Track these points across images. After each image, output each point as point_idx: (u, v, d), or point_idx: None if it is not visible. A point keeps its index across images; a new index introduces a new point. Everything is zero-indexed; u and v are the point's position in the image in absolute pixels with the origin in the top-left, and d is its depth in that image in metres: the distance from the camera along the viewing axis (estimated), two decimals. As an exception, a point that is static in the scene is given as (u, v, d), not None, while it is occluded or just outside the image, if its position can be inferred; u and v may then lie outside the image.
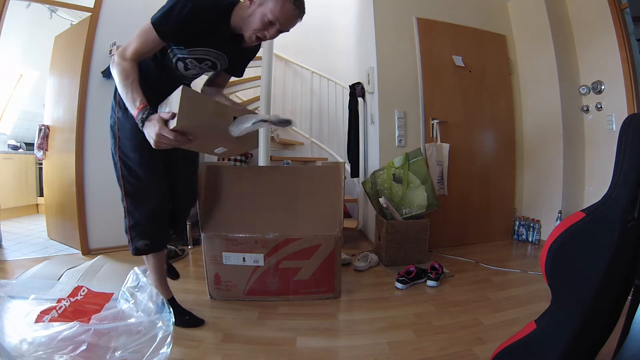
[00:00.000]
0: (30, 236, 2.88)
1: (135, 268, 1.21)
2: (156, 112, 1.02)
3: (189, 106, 0.97)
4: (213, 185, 1.70)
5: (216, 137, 1.10)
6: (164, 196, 1.31)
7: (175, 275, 1.71)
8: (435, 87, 2.66)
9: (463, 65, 2.70)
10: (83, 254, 2.37)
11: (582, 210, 0.76)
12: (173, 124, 0.96)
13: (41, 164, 3.31)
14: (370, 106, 2.84)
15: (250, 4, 1.10)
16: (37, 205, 3.99)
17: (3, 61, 3.77)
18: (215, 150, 1.19)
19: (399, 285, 1.83)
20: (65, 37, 2.71)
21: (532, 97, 2.83)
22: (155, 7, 1.07)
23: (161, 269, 1.44)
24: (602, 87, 2.41)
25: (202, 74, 1.33)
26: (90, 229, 2.43)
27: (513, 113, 2.91)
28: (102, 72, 2.41)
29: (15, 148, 3.96)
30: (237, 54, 1.27)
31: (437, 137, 2.64)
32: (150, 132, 0.98)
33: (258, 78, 2.79)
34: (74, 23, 2.98)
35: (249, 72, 1.62)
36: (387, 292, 1.81)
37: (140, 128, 1.01)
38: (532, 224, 2.74)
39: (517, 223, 2.85)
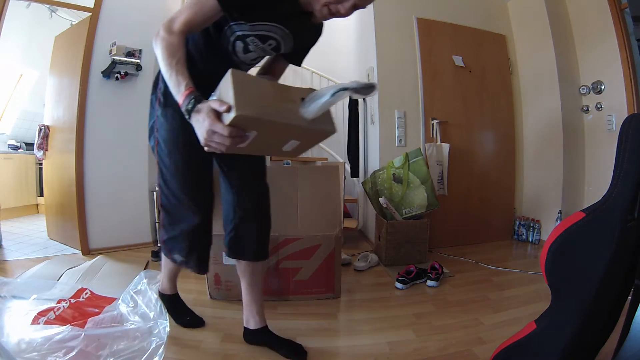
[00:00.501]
0: (30, 236, 2.88)
1: (142, 272, 1.21)
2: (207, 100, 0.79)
3: (244, 92, 0.75)
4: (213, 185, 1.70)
5: (283, 130, 0.83)
6: (204, 216, 1.12)
7: (200, 322, 1.42)
8: (435, 87, 2.66)
9: (463, 65, 2.69)
10: (83, 254, 2.37)
11: (582, 210, 0.76)
12: (228, 118, 0.72)
13: (41, 164, 3.31)
14: (370, 106, 2.84)
15: None
16: (37, 205, 3.99)
17: (3, 61, 3.77)
18: (285, 148, 0.91)
19: (399, 285, 1.83)
20: (65, 37, 2.71)
21: (532, 97, 2.83)
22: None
23: (173, 271, 1.36)
24: (602, 87, 2.41)
25: (262, 58, 1.11)
26: (90, 229, 2.43)
27: (513, 113, 2.91)
28: (102, 72, 2.41)
29: (15, 148, 3.96)
30: (303, 35, 1.03)
31: (437, 137, 2.64)
32: (199, 127, 0.76)
33: (258, 78, 2.79)
34: (74, 23, 2.98)
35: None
36: (387, 292, 1.81)
37: (187, 118, 0.79)
38: (532, 224, 2.74)
39: (517, 223, 2.85)
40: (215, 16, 0.89)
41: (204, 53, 1.01)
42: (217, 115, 0.74)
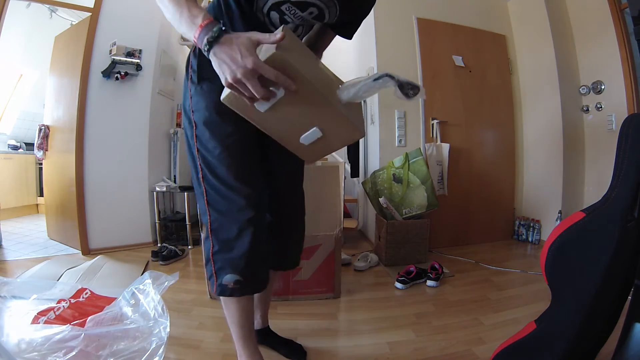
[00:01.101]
0: (30, 236, 2.88)
1: (147, 273, 1.21)
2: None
3: (290, 42, 0.65)
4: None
5: (314, 104, 0.69)
6: (263, 208, 0.91)
7: (302, 355, 1.21)
8: (435, 87, 2.66)
9: (463, 65, 2.69)
10: (83, 254, 2.37)
11: (582, 210, 0.76)
12: (266, 54, 0.60)
13: (41, 164, 3.31)
14: (370, 106, 2.84)
15: None
16: (37, 205, 3.99)
17: (3, 61, 3.77)
18: (303, 138, 0.75)
19: (399, 285, 1.83)
20: (65, 37, 2.71)
21: (532, 97, 2.83)
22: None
23: (248, 321, 0.99)
24: (602, 87, 2.41)
25: (305, 32, 0.94)
26: (90, 229, 2.43)
27: (513, 113, 2.90)
28: (102, 72, 2.41)
29: (15, 148, 3.96)
30: (351, 3, 0.87)
31: (437, 137, 2.64)
32: (227, 59, 0.59)
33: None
34: (74, 23, 2.98)
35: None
36: (387, 292, 1.81)
37: (206, 53, 0.62)
38: (532, 224, 2.74)
39: (517, 223, 2.85)
40: None
41: (235, 25, 0.82)
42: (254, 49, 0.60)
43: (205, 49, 0.61)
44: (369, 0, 0.95)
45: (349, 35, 1.04)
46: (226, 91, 0.68)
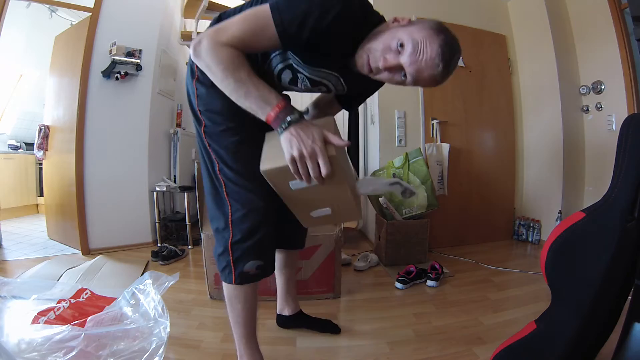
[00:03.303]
0: (30, 236, 2.88)
1: (147, 273, 1.21)
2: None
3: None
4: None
5: (337, 188, 0.81)
6: (273, 195, 0.91)
7: (336, 329, 1.36)
8: (436, 87, 2.65)
9: (463, 65, 2.69)
10: (83, 254, 2.37)
11: (582, 210, 0.76)
12: (330, 150, 0.71)
13: (41, 164, 3.31)
14: (370, 106, 2.84)
15: (394, 21, 0.82)
16: (37, 205, 3.99)
17: (3, 61, 3.77)
18: (314, 212, 0.89)
19: (399, 285, 1.83)
20: (65, 37, 2.71)
21: (532, 97, 2.83)
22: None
23: (252, 319, 1.01)
24: (602, 87, 2.41)
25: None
26: (90, 229, 2.43)
27: (513, 113, 2.90)
28: (102, 72, 2.41)
29: (15, 148, 3.96)
30: (359, 84, 0.95)
31: (437, 137, 2.63)
32: (300, 137, 0.69)
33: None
34: (74, 23, 2.98)
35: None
36: (387, 292, 1.81)
37: (279, 130, 0.72)
38: (532, 224, 2.74)
39: (517, 223, 2.84)
40: (268, 46, 0.77)
41: None
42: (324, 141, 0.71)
43: (283, 126, 0.71)
44: (374, 84, 0.98)
45: (349, 108, 1.12)
46: (270, 164, 0.78)
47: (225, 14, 0.92)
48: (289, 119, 0.71)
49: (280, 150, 0.73)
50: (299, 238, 1.25)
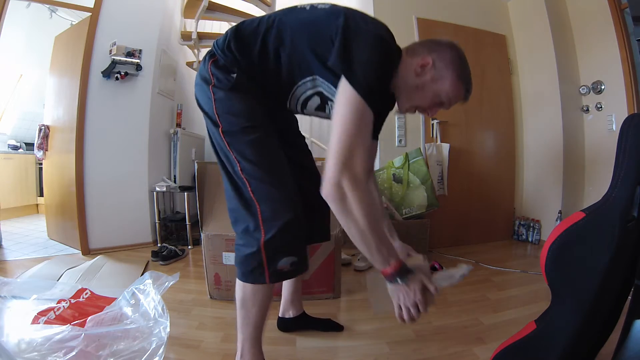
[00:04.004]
0: (30, 236, 2.88)
1: (147, 273, 1.21)
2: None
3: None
4: (213, 184, 1.70)
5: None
6: (297, 189, 0.96)
7: (338, 327, 1.39)
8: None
9: (463, 65, 2.69)
10: (83, 254, 2.37)
11: (582, 210, 0.76)
12: (429, 299, 0.87)
13: (41, 164, 3.32)
14: (370, 106, 2.84)
15: (422, 71, 0.89)
16: (37, 205, 3.99)
17: (3, 61, 3.77)
18: (384, 309, 0.97)
19: (399, 285, 1.83)
20: (65, 37, 2.71)
21: (532, 97, 2.83)
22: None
23: (263, 321, 1.00)
24: (602, 87, 2.41)
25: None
26: (90, 229, 2.43)
27: (513, 113, 2.90)
28: (102, 72, 2.41)
29: (15, 148, 3.96)
30: (382, 114, 1.05)
31: (437, 137, 2.64)
32: (406, 291, 0.83)
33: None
34: (74, 23, 2.98)
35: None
36: (387, 292, 1.80)
37: (390, 278, 0.83)
38: (532, 224, 2.74)
39: (517, 223, 2.85)
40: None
41: (260, 85, 0.93)
42: (424, 288, 0.84)
43: (394, 282, 0.83)
44: (387, 106, 1.06)
45: (375, 137, 1.17)
46: (382, 308, 0.94)
47: (243, 25, 0.93)
48: (399, 281, 0.83)
49: (388, 296, 0.88)
50: (325, 229, 1.23)
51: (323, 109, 0.96)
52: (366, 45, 0.80)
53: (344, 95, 0.78)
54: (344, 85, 0.78)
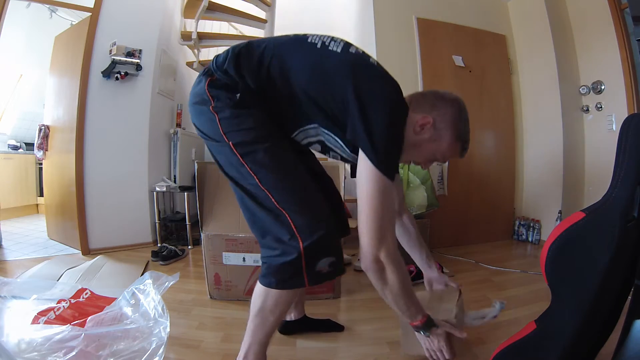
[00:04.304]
0: (30, 236, 2.88)
1: (147, 273, 1.21)
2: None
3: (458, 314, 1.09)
4: (213, 184, 1.70)
5: None
6: (319, 192, 0.96)
7: (339, 327, 1.40)
8: (435, 87, 2.64)
9: (463, 65, 2.69)
10: (83, 254, 2.37)
11: (582, 210, 0.76)
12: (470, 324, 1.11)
13: (41, 164, 3.32)
14: (370, 106, 2.84)
15: (421, 130, 0.93)
16: (37, 205, 3.99)
17: (3, 61, 3.77)
18: (414, 350, 1.13)
19: (399, 285, 1.82)
20: (65, 37, 2.71)
21: (532, 97, 2.83)
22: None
23: (275, 328, 1.01)
24: (602, 87, 2.41)
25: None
26: (90, 229, 2.43)
27: (513, 113, 2.90)
28: (102, 72, 2.41)
29: (15, 148, 3.96)
30: None
31: (437, 137, 2.63)
32: (431, 342, 1.01)
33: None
34: (74, 23, 2.98)
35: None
36: (387, 292, 1.80)
37: (418, 329, 1.00)
38: (532, 224, 2.74)
39: (517, 223, 2.85)
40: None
41: (265, 112, 0.91)
42: (447, 336, 1.00)
43: (421, 333, 1.00)
44: None
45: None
46: (415, 351, 1.11)
47: (252, 45, 0.92)
48: (423, 333, 1.00)
49: (418, 342, 1.06)
50: (346, 224, 1.26)
51: (324, 153, 1.01)
52: (385, 116, 0.82)
53: (368, 171, 0.82)
54: (367, 162, 0.82)
